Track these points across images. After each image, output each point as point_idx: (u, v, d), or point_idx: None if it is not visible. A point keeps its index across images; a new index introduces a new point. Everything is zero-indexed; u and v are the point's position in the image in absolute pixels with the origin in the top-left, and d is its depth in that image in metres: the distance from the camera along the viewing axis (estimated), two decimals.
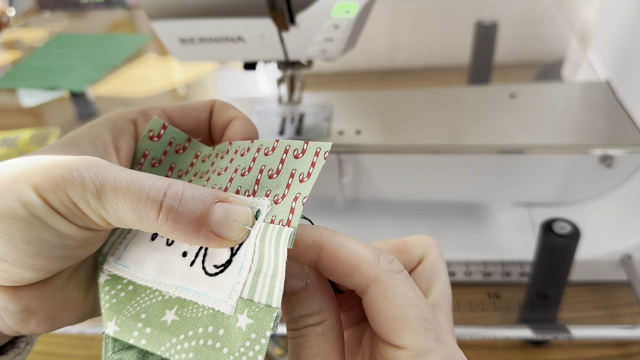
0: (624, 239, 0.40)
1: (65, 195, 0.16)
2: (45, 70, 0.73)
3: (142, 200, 0.17)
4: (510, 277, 0.40)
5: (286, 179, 0.19)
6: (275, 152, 0.20)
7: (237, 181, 0.20)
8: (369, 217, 0.45)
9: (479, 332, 0.35)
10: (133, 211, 0.17)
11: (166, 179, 0.18)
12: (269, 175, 0.20)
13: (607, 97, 0.43)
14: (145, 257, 0.20)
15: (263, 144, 0.21)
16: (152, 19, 0.33)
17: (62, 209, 0.17)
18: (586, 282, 0.40)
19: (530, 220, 0.44)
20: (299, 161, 0.19)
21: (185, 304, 0.19)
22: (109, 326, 0.19)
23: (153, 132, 0.21)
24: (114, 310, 0.19)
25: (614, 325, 0.37)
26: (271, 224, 0.18)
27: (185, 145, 0.23)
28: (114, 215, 0.17)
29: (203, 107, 0.23)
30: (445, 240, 0.43)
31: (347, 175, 0.43)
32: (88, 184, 0.16)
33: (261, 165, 0.20)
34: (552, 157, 0.40)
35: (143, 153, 0.21)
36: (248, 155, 0.21)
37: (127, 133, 0.21)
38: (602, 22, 0.49)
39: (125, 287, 0.20)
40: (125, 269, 0.20)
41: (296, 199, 0.19)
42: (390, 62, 0.68)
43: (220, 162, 0.22)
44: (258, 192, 0.20)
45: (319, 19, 0.32)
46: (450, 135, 0.40)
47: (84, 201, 0.16)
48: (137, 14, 0.90)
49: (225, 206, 0.18)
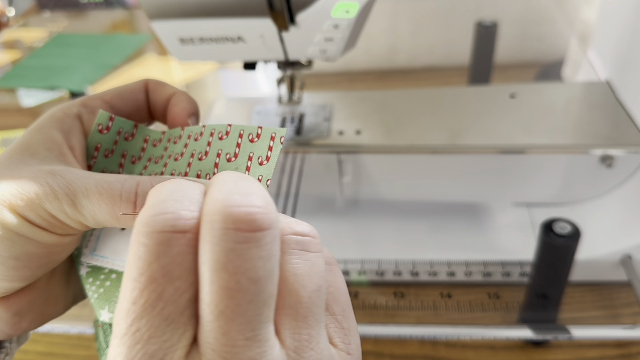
0: (624, 239, 0.40)
1: (43, 210, 0.17)
2: (45, 70, 0.73)
3: (117, 203, 0.18)
4: (510, 278, 0.40)
5: (244, 162, 0.20)
6: (229, 136, 0.21)
7: (195, 165, 0.21)
8: (369, 217, 0.45)
9: (479, 332, 0.35)
10: (109, 214, 0.18)
11: (133, 178, 0.19)
12: (227, 158, 0.21)
13: (608, 97, 0.43)
14: (121, 246, 0.21)
15: (216, 129, 0.21)
16: (152, 18, 0.33)
17: (42, 223, 0.17)
18: (586, 282, 0.40)
19: (530, 220, 0.44)
20: (255, 145, 0.20)
21: None
22: (103, 314, 0.20)
23: (102, 125, 0.22)
24: (103, 299, 0.20)
25: (614, 325, 0.37)
26: None
27: (133, 132, 0.23)
28: (92, 219, 0.18)
29: (138, 89, 0.24)
30: (445, 240, 0.44)
31: (347, 175, 0.43)
32: (61, 197, 0.17)
33: (218, 149, 0.21)
34: (553, 157, 0.40)
35: (95, 146, 0.22)
36: (202, 139, 0.22)
37: (75, 130, 0.21)
38: (603, 22, 0.49)
39: (108, 276, 0.21)
40: (104, 259, 0.21)
41: (259, 180, 0.20)
42: (390, 62, 0.68)
43: (174, 147, 0.23)
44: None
45: (319, 19, 0.32)
46: (450, 135, 0.40)
47: (61, 212, 0.17)
48: (137, 14, 0.90)
49: None
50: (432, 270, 0.40)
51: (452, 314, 0.37)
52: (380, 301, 0.37)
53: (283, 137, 0.20)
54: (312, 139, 0.42)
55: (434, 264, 0.40)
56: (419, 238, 0.44)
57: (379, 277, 0.39)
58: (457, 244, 0.43)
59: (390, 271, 0.39)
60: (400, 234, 0.44)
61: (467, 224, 0.44)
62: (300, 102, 0.44)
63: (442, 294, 0.38)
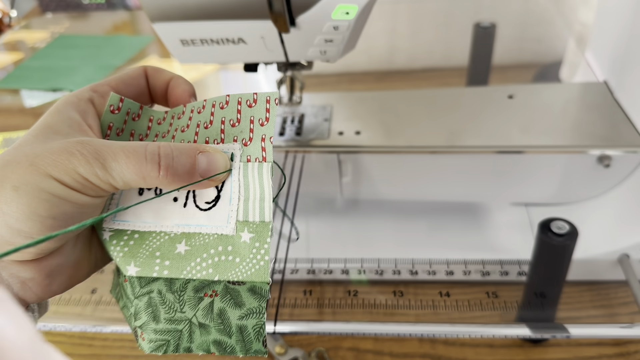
0: (621, 239, 0.40)
1: (77, 174, 0.19)
2: (48, 71, 0.73)
3: (143, 164, 0.20)
4: (509, 277, 0.40)
5: (247, 125, 0.23)
6: (229, 105, 0.23)
7: (202, 134, 0.24)
8: (369, 216, 0.46)
9: (478, 330, 0.35)
10: (136, 174, 0.20)
11: (154, 143, 0.21)
12: (231, 124, 0.23)
13: (605, 97, 0.44)
14: (141, 209, 0.23)
15: (216, 100, 0.24)
16: (154, 21, 0.33)
17: (76, 185, 0.20)
18: (584, 281, 0.41)
19: (528, 219, 0.44)
20: (253, 109, 0.23)
21: (191, 236, 0.22)
22: (130, 269, 0.22)
23: (113, 106, 0.24)
24: (129, 256, 0.22)
25: (611, 324, 0.37)
26: (248, 162, 0.22)
27: (139, 112, 0.25)
28: (120, 181, 0.20)
29: (139, 74, 0.26)
30: (444, 239, 0.44)
31: (347, 176, 0.43)
32: (92, 161, 0.20)
33: (221, 117, 0.23)
34: (550, 158, 0.40)
35: (108, 125, 0.24)
36: (205, 111, 0.24)
37: (90, 111, 0.24)
38: (600, 23, 0.50)
39: (131, 236, 0.23)
40: (125, 223, 0.23)
41: (263, 139, 0.22)
42: (390, 63, 0.68)
43: (178, 121, 0.25)
44: (225, 139, 0.23)
45: (319, 21, 0.32)
46: (449, 136, 0.41)
47: (93, 175, 0.20)
48: (139, 15, 0.90)
49: (206, 155, 0.22)
50: (431, 269, 0.40)
51: (451, 313, 0.37)
52: (380, 300, 0.37)
53: (277, 98, 0.23)
54: (312, 140, 0.42)
55: (433, 263, 0.40)
56: (418, 237, 0.44)
57: (379, 276, 0.40)
58: (456, 243, 0.43)
59: (390, 270, 0.40)
60: (400, 233, 0.44)
61: (466, 224, 0.44)
62: (301, 102, 0.44)
63: (441, 292, 0.38)
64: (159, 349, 0.21)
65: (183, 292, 0.22)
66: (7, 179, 0.19)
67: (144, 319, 0.22)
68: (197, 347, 0.21)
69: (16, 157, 0.20)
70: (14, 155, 0.20)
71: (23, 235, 0.19)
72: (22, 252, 0.20)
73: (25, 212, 0.19)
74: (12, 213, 0.19)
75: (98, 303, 0.37)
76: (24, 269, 0.20)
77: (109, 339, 0.41)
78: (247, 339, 0.21)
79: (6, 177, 0.19)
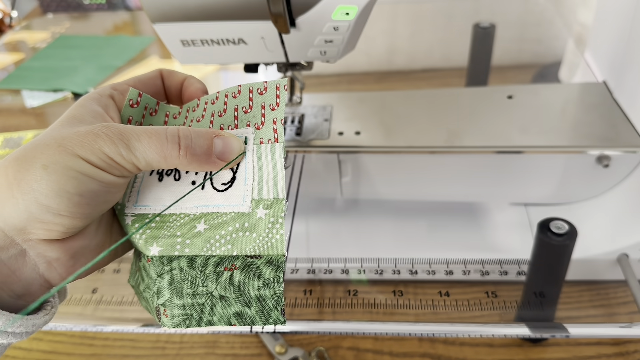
0: (620, 239, 0.40)
1: (103, 154, 0.21)
2: (48, 72, 0.73)
3: (164, 144, 0.22)
4: (508, 276, 0.40)
5: (259, 110, 0.24)
6: (241, 94, 0.25)
7: (217, 121, 0.25)
8: (368, 216, 0.46)
9: (477, 330, 0.35)
10: (158, 153, 0.22)
11: (173, 126, 0.22)
12: (244, 111, 0.25)
13: (604, 98, 0.44)
14: (160, 194, 0.24)
15: (229, 91, 0.25)
16: (154, 21, 0.33)
17: (102, 164, 0.21)
18: (583, 281, 0.41)
19: (527, 219, 0.44)
20: (264, 96, 0.24)
21: (209, 216, 0.24)
22: (152, 250, 0.23)
23: (132, 100, 0.26)
24: (151, 237, 0.24)
25: (610, 324, 0.37)
26: (261, 144, 0.24)
27: (155, 108, 0.27)
28: (143, 160, 0.22)
29: (155, 76, 0.27)
30: (444, 239, 0.44)
31: (347, 176, 0.43)
32: (117, 142, 0.21)
33: (234, 105, 0.25)
34: (550, 158, 0.40)
35: (127, 119, 0.25)
36: (218, 102, 0.25)
37: (111, 106, 0.25)
38: (599, 23, 0.50)
39: (152, 219, 0.24)
40: (146, 207, 0.24)
41: (275, 122, 0.24)
42: (390, 64, 0.68)
43: (193, 114, 0.26)
44: (239, 125, 0.25)
45: (319, 22, 0.32)
46: (448, 136, 0.41)
47: (118, 155, 0.21)
48: (139, 16, 0.90)
49: (221, 138, 0.23)
50: (431, 269, 0.40)
51: (451, 312, 0.37)
52: (380, 299, 0.37)
53: (286, 85, 0.24)
54: (312, 140, 0.42)
55: (432, 262, 0.40)
56: (417, 237, 0.44)
57: (378, 275, 0.40)
58: (455, 243, 0.43)
59: (390, 270, 0.40)
60: (399, 233, 0.44)
61: (466, 223, 0.45)
62: (301, 103, 0.44)
63: (440, 292, 0.39)
64: (182, 324, 0.22)
65: (204, 267, 0.23)
66: (36, 159, 0.20)
67: (167, 296, 0.23)
68: (219, 319, 0.22)
69: (45, 139, 0.21)
70: (42, 139, 0.21)
71: (51, 212, 0.20)
72: (51, 230, 0.21)
73: (54, 189, 0.20)
74: (42, 190, 0.20)
75: (99, 303, 0.37)
76: (50, 249, 0.21)
77: (109, 339, 0.41)
78: (267, 309, 0.22)
79: (36, 157, 0.20)
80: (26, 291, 0.22)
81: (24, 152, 0.21)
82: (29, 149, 0.21)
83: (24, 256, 0.21)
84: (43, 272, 0.22)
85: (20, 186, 0.20)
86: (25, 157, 0.20)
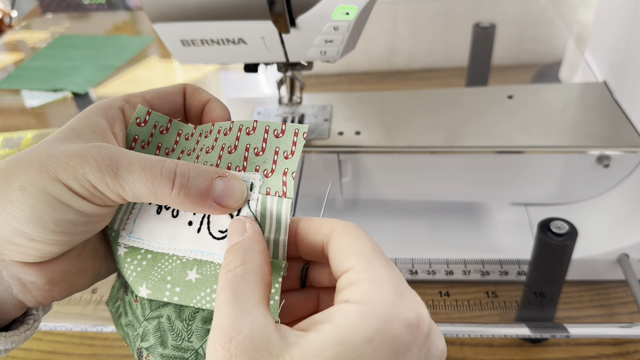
0: (620, 239, 0.40)
1: (86, 180, 0.19)
2: (48, 72, 0.73)
3: (157, 179, 0.19)
4: (508, 276, 0.40)
5: (271, 155, 0.22)
6: (256, 131, 0.23)
7: (225, 158, 0.23)
8: (368, 216, 0.46)
9: (477, 330, 0.35)
10: (148, 188, 0.19)
11: (173, 160, 0.20)
12: (255, 153, 0.23)
13: (604, 97, 0.44)
14: (156, 229, 0.23)
15: (243, 124, 0.23)
16: (154, 21, 0.33)
17: (83, 192, 0.19)
18: (583, 281, 0.41)
19: (528, 219, 0.44)
20: (280, 140, 0.22)
21: (202, 264, 0.22)
22: (141, 290, 0.22)
23: (139, 119, 0.24)
24: (141, 277, 0.22)
25: (611, 324, 0.37)
26: (267, 195, 0.22)
27: (167, 126, 0.25)
28: (130, 192, 0.20)
29: (177, 91, 0.25)
30: (444, 239, 0.44)
31: (347, 176, 0.43)
32: (104, 168, 0.19)
33: (246, 143, 0.23)
34: (550, 158, 0.40)
35: (133, 138, 0.24)
36: (231, 134, 0.23)
37: (118, 120, 0.23)
38: (600, 23, 0.50)
39: (144, 256, 0.23)
40: (140, 241, 0.23)
41: (285, 173, 0.22)
42: (390, 64, 0.68)
43: (205, 140, 0.24)
44: (248, 168, 0.22)
45: (319, 21, 0.32)
46: (448, 136, 0.41)
47: (102, 183, 0.19)
48: (139, 16, 0.90)
49: (224, 180, 0.21)
50: (431, 269, 0.40)
51: (451, 312, 0.37)
52: None
53: (305, 132, 0.22)
54: (312, 140, 0.42)
55: (432, 262, 0.40)
56: (417, 237, 0.44)
57: None
58: (455, 243, 0.43)
59: None
60: (399, 233, 0.44)
61: (466, 223, 0.45)
62: (301, 103, 0.44)
63: (440, 292, 0.39)
64: None
65: (192, 321, 0.21)
66: (16, 177, 0.19)
67: (151, 342, 0.22)
68: None
69: (30, 155, 0.19)
70: (28, 154, 0.20)
71: (24, 237, 0.19)
72: (25, 253, 0.19)
73: (27, 214, 0.18)
74: (16, 213, 0.18)
75: (98, 303, 0.37)
76: (26, 272, 0.20)
77: (109, 339, 0.41)
78: None
79: (16, 175, 0.19)
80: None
81: (5, 167, 0.19)
82: (12, 163, 0.19)
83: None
84: (16, 294, 0.20)
85: None
86: (5, 174, 0.19)
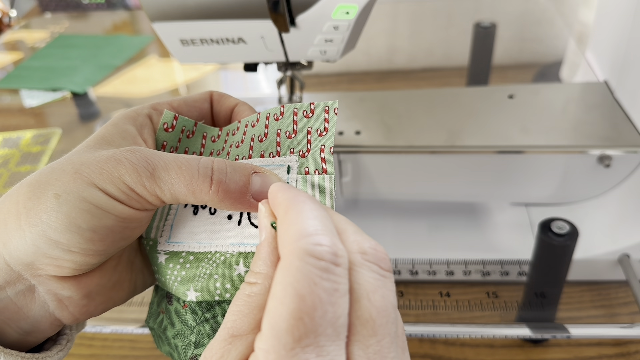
0: (622, 239, 0.40)
1: (122, 183, 0.18)
2: (47, 71, 0.73)
3: (194, 177, 0.19)
4: (509, 277, 0.40)
5: (304, 136, 0.22)
6: (284, 116, 0.22)
7: (257, 147, 0.22)
8: (369, 216, 0.46)
9: (478, 330, 0.35)
10: (186, 187, 0.19)
11: (208, 157, 0.20)
12: (287, 136, 0.22)
13: (605, 97, 0.44)
14: (195, 229, 0.22)
15: (270, 112, 0.23)
16: (154, 20, 0.33)
17: (120, 196, 0.19)
18: (584, 281, 0.41)
19: (528, 219, 0.44)
20: (311, 120, 0.22)
21: (248, 256, 0.21)
22: (189, 294, 0.21)
23: (167, 124, 0.24)
24: (187, 280, 0.21)
25: (612, 324, 0.37)
26: (306, 175, 0.21)
27: (193, 129, 0.25)
28: (169, 193, 0.19)
29: (204, 98, 0.25)
30: (445, 239, 0.44)
31: (347, 176, 0.43)
32: (141, 170, 0.19)
33: (276, 129, 0.22)
34: (551, 157, 0.40)
35: (162, 143, 0.24)
36: (259, 124, 0.23)
37: (147, 127, 0.23)
38: (600, 23, 0.50)
39: (186, 259, 0.22)
40: (180, 244, 0.22)
41: (323, 150, 0.21)
42: (390, 63, 0.68)
43: (233, 137, 0.24)
44: (282, 152, 0.22)
45: (319, 21, 0.32)
46: (449, 136, 0.41)
47: (140, 185, 0.19)
48: (139, 15, 0.90)
49: (260, 176, 0.20)
50: (431, 269, 0.40)
51: (451, 313, 0.37)
52: None
53: (336, 108, 0.21)
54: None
55: (433, 263, 0.40)
56: (418, 237, 0.44)
57: None
58: (456, 243, 0.43)
59: None
60: (400, 233, 0.44)
61: (466, 224, 0.44)
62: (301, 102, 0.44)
63: (441, 292, 0.38)
64: None
65: None
66: (50, 186, 0.18)
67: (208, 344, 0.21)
68: None
69: (62, 164, 0.19)
70: (60, 163, 0.19)
71: (61, 248, 0.18)
72: (61, 266, 0.19)
73: (64, 222, 0.18)
74: (51, 223, 0.18)
75: None
76: (62, 286, 0.19)
77: (108, 339, 0.41)
78: None
79: (50, 183, 0.18)
80: (34, 328, 0.20)
81: (39, 177, 0.19)
82: (45, 173, 0.19)
83: (33, 292, 0.19)
84: (53, 310, 0.20)
85: (29, 216, 0.18)
86: (38, 183, 0.18)
